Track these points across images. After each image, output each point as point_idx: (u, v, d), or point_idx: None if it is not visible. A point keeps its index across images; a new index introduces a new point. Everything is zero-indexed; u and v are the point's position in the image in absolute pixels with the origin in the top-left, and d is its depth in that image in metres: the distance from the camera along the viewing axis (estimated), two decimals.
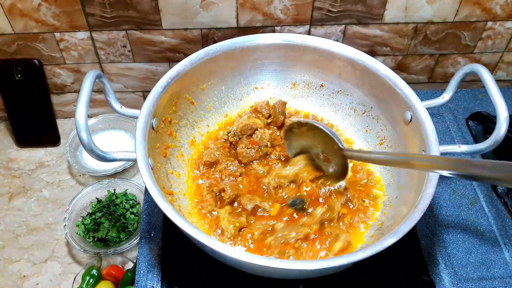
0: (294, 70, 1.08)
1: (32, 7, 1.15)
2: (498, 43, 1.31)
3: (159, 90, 0.91)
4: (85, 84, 0.77)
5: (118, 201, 1.26)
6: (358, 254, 0.70)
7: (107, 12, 1.17)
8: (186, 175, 0.98)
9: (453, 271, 0.93)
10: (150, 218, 0.99)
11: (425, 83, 1.43)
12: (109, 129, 1.41)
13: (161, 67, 1.32)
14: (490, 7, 1.21)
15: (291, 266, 0.71)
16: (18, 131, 1.39)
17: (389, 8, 1.20)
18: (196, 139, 1.04)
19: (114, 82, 1.36)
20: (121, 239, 1.20)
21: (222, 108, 1.09)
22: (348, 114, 1.08)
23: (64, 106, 1.43)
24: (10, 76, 1.28)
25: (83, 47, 1.26)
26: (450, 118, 1.20)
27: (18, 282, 1.16)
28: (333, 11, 1.20)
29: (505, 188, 1.04)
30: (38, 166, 1.37)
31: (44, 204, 1.30)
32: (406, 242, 0.74)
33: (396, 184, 0.94)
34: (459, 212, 1.02)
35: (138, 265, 0.91)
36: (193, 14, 1.19)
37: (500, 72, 1.41)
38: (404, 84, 0.94)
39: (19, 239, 1.23)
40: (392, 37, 1.27)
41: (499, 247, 0.97)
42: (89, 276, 1.12)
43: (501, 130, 0.80)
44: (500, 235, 0.98)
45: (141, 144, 0.82)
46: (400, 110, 0.94)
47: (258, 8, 1.18)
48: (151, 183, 0.77)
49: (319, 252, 0.86)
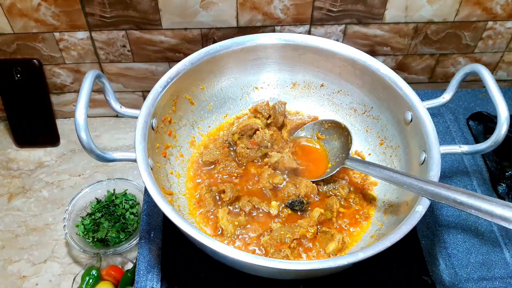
0: (294, 70, 1.08)
1: (31, 7, 1.15)
2: (499, 43, 1.31)
3: (159, 90, 0.91)
4: (85, 84, 0.77)
5: (118, 201, 1.25)
6: (358, 254, 0.70)
7: (107, 12, 1.17)
8: (186, 175, 0.98)
9: (453, 271, 0.93)
10: (150, 218, 0.99)
11: (425, 83, 1.43)
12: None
13: (161, 67, 1.32)
14: (490, 7, 1.21)
15: (291, 266, 0.70)
16: (18, 131, 1.39)
17: (389, 8, 1.19)
18: (196, 139, 1.04)
19: (114, 82, 1.36)
20: (120, 240, 1.20)
21: (222, 108, 1.09)
22: (349, 114, 1.08)
23: (64, 106, 1.43)
24: (9, 76, 1.28)
25: (83, 47, 1.26)
26: (450, 118, 1.20)
27: (18, 283, 1.16)
28: (333, 10, 1.20)
29: (505, 188, 1.04)
30: (37, 166, 1.37)
31: (44, 204, 1.30)
32: (406, 242, 0.74)
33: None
34: (460, 212, 1.02)
35: (137, 266, 0.91)
36: (193, 14, 1.18)
37: (501, 72, 1.41)
38: (405, 84, 0.94)
39: (19, 239, 1.23)
40: (393, 37, 1.27)
41: (499, 248, 0.96)
42: (89, 276, 1.12)
43: (502, 130, 0.80)
44: (500, 236, 0.98)
45: (141, 144, 0.82)
46: (400, 110, 0.94)
47: (258, 8, 1.18)
48: (151, 183, 0.77)
49: (313, 252, 0.86)
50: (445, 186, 0.74)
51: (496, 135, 0.80)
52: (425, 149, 0.85)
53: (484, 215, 0.67)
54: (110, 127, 1.47)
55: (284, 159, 0.97)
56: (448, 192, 0.72)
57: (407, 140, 0.94)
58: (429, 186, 0.75)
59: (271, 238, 0.86)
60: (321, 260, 0.76)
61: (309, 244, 0.87)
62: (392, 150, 0.99)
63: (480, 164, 1.11)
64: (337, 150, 1.00)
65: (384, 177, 0.84)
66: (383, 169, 0.85)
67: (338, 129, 1.01)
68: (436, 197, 0.74)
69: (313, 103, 1.11)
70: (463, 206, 0.70)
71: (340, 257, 0.71)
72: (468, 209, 0.69)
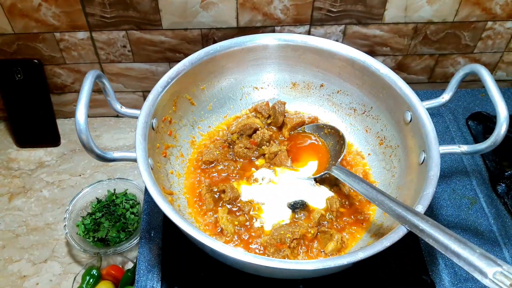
0: (294, 70, 1.08)
1: (32, 7, 1.15)
2: (498, 43, 1.31)
3: (159, 90, 0.91)
4: (85, 84, 0.77)
5: (118, 201, 1.26)
6: (358, 254, 0.70)
7: (107, 12, 1.17)
8: (186, 175, 0.98)
9: (453, 271, 0.93)
10: (150, 218, 0.99)
11: (425, 83, 1.43)
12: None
13: (161, 67, 1.32)
14: (490, 7, 1.21)
15: (291, 266, 0.71)
16: (18, 131, 1.39)
17: (389, 8, 1.20)
18: (196, 139, 1.04)
19: (114, 82, 1.36)
20: (121, 239, 1.20)
21: (222, 108, 1.09)
22: (348, 114, 1.08)
23: (64, 106, 1.43)
24: (10, 76, 1.29)
25: (83, 47, 1.26)
26: (450, 118, 1.20)
27: (18, 282, 1.16)
28: (333, 11, 1.20)
29: (504, 188, 1.04)
30: (38, 166, 1.37)
31: (44, 204, 1.30)
32: (406, 242, 0.74)
33: (396, 184, 0.94)
34: (459, 212, 1.02)
35: (138, 265, 0.91)
36: (193, 14, 1.19)
37: (500, 72, 1.41)
38: (404, 84, 0.94)
39: (19, 239, 1.23)
40: (392, 37, 1.27)
41: (499, 247, 0.97)
42: (89, 276, 1.12)
43: (501, 130, 0.80)
44: (500, 235, 0.98)
45: (141, 144, 0.82)
46: (400, 110, 0.95)
47: (258, 8, 1.18)
48: (151, 183, 0.77)
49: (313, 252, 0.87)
50: (413, 211, 0.73)
51: (496, 135, 0.80)
52: (424, 149, 0.85)
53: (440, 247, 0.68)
54: (111, 127, 1.47)
55: (282, 153, 0.98)
56: (413, 218, 0.72)
57: (407, 140, 0.94)
58: (398, 208, 0.75)
59: (271, 238, 0.86)
60: (321, 260, 0.76)
61: (309, 244, 0.88)
62: (391, 150, 0.99)
63: (480, 164, 1.11)
64: (329, 156, 1.01)
65: (362, 192, 0.83)
66: (364, 184, 0.84)
67: (336, 136, 1.01)
68: (401, 221, 0.74)
69: (313, 103, 1.11)
70: (423, 233, 0.70)
71: (340, 257, 0.71)
72: (426, 238, 0.70)
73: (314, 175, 0.98)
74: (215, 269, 0.88)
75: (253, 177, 0.97)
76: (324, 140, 1.04)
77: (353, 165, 1.03)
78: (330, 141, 1.02)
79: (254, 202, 0.93)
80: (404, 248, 0.84)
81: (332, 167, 0.93)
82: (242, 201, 0.93)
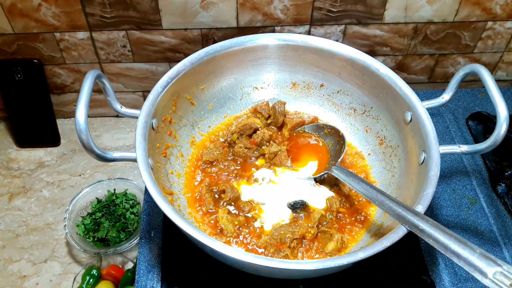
0: (294, 70, 1.08)
1: (32, 7, 1.15)
2: (498, 43, 1.31)
3: (159, 90, 0.91)
4: (85, 84, 0.77)
5: (118, 201, 1.26)
6: (358, 254, 0.70)
7: (107, 12, 1.17)
8: (186, 175, 0.98)
9: (453, 271, 0.93)
10: (150, 218, 0.99)
11: (425, 83, 1.43)
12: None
13: (161, 67, 1.32)
14: (490, 7, 1.21)
15: (291, 266, 0.71)
16: (18, 131, 1.39)
17: (389, 8, 1.20)
18: (196, 139, 1.04)
19: (114, 82, 1.36)
20: (121, 239, 1.20)
21: (222, 108, 1.09)
22: (348, 114, 1.08)
23: (64, 106, 1.43)
24: (10, 76, 1.29)
25: (83, 47, 1.26)
26: (450, 118, 1.20)
27: (18, 282, 1.16)
28: (333, 11, 1.20)
29: (504, 188, 1.04)
30: (38, 166, 1.37)
31: (44, 204, 1.30)
32: (406, 242, 0.74)
33: (396, 184, 0.94)
34: (459, 212, 1.02)
35: (138, 265, 0.91)
36: (193, 14, 1.19)
37: (500, 72, 1.41)
38: (404, 84, 0.94)
39: (19, 239, 1.23)
40: (392, 37, 1.27)
41: (499, 247, 0.97)
42: (89, 276, 1.12)
43: (501, 130, 0.80)
44: (500, 235, 0.98)
45: (141, 144, 0.82)
46: (400, 110, 0.95)
47: (258, 8, 1.18)
48: (151, 183, 0.77)
49: (313, 252, 0.87)
50: (413, 211, 0.73)
51: (496, 135, 0.80)
52: (424, 149, 0.85)
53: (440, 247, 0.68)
54: (111, 127, 1.47)
55: (282, 153, 0.98)
56: (413, 218, 0.72)
57: (407, 140, 0.94)
58: (398, 208, 0.75)
59: (271, 238, 0.86)
60: (321, 260, 0.76)
61: (309, 244, 0.88)
62: (391, 150, 0.99)
63: (480, 164, 1.11)
64: (329, 156, 1.01)
65: (362, 192, 0.83)
66: (364, 184, 0.84)
67: (336, 136, 1.01)
68: (401, 221, 0.74)
69: (313, 103, 1.11)
70: (423, 233, 0.70)
71: (340, 257, 0.71)
72: (426, 238, 0.70)
73: (314, 175, 0.98)
74: (215, 269, 0.88)
75: (253, 177, 0.97)
76: (324, 140, 1.04)
77: (353, 165, 1.03)
78: (330, 141, 1.02)
79: (254, 202, 0.93)
80: (404, 248, 0.84)
81: (332, 167, 0.93)
82: (242, 201, 0.93)
